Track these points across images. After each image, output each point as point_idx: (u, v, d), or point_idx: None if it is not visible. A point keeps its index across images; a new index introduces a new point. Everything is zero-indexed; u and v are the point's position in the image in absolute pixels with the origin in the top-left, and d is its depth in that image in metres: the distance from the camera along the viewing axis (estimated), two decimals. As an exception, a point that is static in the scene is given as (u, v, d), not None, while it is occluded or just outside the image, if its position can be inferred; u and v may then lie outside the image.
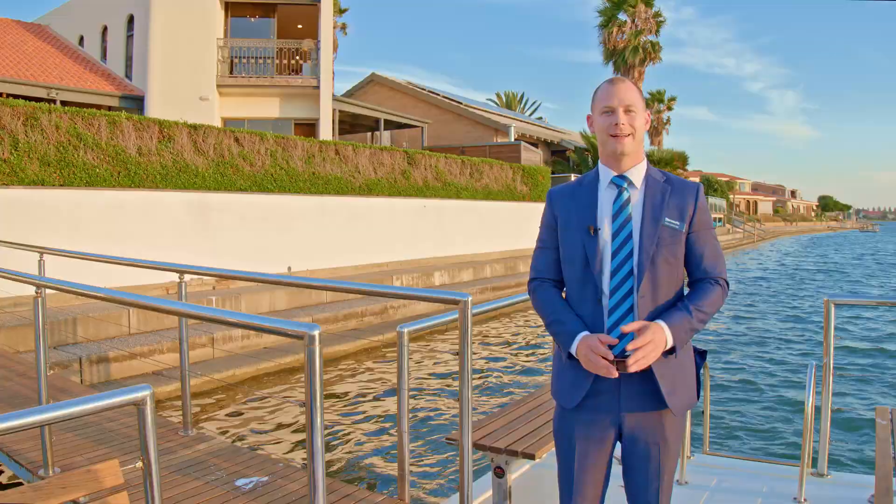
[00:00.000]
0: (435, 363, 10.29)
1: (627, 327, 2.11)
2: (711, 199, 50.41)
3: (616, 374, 2.10)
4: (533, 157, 26.64)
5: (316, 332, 2.40)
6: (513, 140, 28.21)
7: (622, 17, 32.95)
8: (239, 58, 20.23)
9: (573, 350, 2.18)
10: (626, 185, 2.24)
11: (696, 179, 61.92)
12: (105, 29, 21.04)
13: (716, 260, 2.26)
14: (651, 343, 2.07)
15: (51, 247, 8.48)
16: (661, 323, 2.12)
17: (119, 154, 10.83)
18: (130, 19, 20.03)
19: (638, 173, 2.27)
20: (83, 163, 10.26)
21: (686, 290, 2.28)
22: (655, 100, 46.54)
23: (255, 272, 4.29)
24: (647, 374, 2.18)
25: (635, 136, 2.22)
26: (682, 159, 37.59)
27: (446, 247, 18.28)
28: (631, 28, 32.62)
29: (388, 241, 16.35)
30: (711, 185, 56.84)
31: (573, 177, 26.41)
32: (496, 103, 56.55)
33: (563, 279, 2.35)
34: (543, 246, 2.40)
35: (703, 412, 4.36)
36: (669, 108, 47.43)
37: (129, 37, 20.07)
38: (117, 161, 10.77)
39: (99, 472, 2.22)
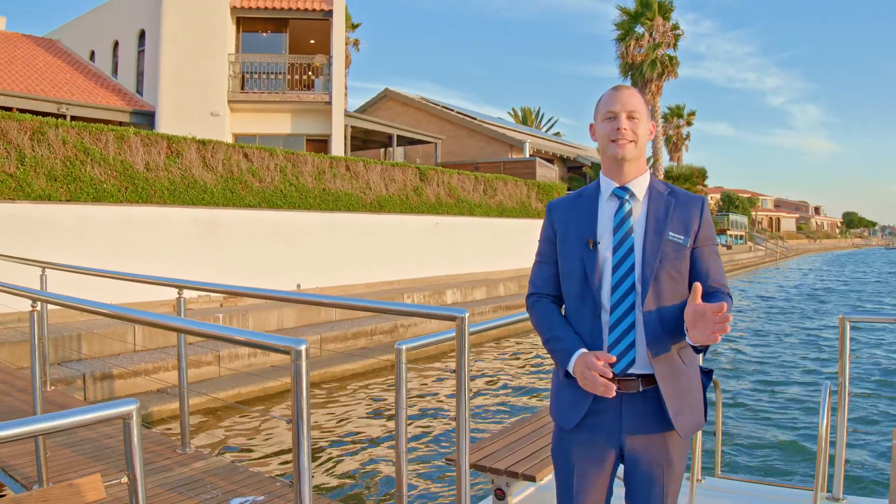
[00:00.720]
0: (438, 381, 10.24)
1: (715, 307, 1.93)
2: (733, 216, 50.21)
3: (613, 394, 2.05)
4: (548, 173, 26.64)
5: (303, 348, 2.39)
6: (528, 156, 28.25)
7: (639, 30, 33.00)
8: (250, 73, 20.46)
9: (570, 368, 2.14)
10: (627, 196, 2.21)
11: (717, 196, 61.79)
12: (116, 44, 21.38)
13: (721, 276, 2.22)
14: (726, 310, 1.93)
15: (57, 262, 8.55)
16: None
17: (127, 169, 10.95)
18: (142, 34, 20.34)
19: (641, 185, 2.24)
20: (90, 178, 10.38)
21: None
22: (675, 115, 46.61)
23: (260, 289, 4.30)
24: (651, 393, 2.14)
25: (637, 143, 2.20)
26: (701, 175, 37.53)
27: (459, 264, 18.27)
28: (648, 42, 32.64)
29: (400, 258, 16.38)
30: (732, 201, 56.61)
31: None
32: (511, 119, 56.75)
33: (562, 294, 2.32)
34: (542, 260, 2.38)
35: (714, 434, 4.29)
36: (689, 123, 47.49)
37: (141, 52, 20.38)
38: (125, 176, 10.89)
39: (80, 486, 2.22)
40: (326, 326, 12.29)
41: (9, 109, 12.79)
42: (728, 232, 47.89)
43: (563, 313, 2.31)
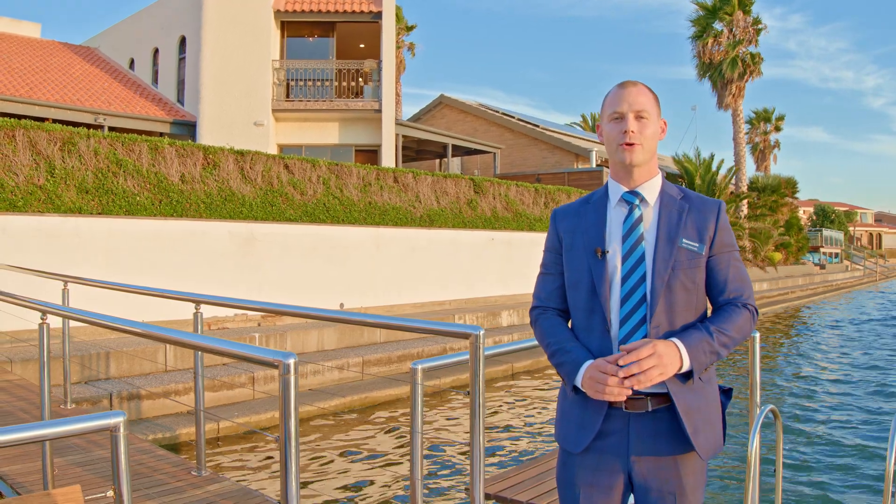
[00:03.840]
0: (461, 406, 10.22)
1: (628, 347, 2.06)
2: (827, 232, 48.77)
3: (624, 397, 2.05)
4: (617, 184, 26.34)
5: (291, 361, 2.44)
6: (594, 166, 28.06)
7: (717, 26, 32.49)
8: (296, 80, 20.93)
9: (578, 381, 2.13)
10: (637, 202, 2.21)
11: (810, 209, 60.11)
12: (156, 51, 22.17)
13: (742, 283, 2.20)
14: (654, 356, 2.00)
15: (86, 277, 8.89)
16: (675, 340, 2.06)
17: (161, 181, 11.33)
18: (182, 41, 21.04)
19: (652, 189, 2.23)
20: (123, 190, 10.78)
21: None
22: (761, 119, 45.62)
23: (299, 307, 4.38)
24: (662, 413, 2.13)
25: (646, 145, 2.19)
26: (790, 186, 36.56)
27: (516, 284, 18.20)
28: (728, 38, 32.10)
29: (451, 276, 16.41)
30: (827, 215, 55.05)
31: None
32: (581, 127, 56.50)
33: (568, 308, 2.32)
34: (547, 271, 2.40)
35: (774, 470, 4.18)
36: (777, 129, 46.40)
37: (181, 59, 21.08)
38: (159, 189, 11.27)
39: (58, 496, 2.32)
40: (370, 349, 12.42)
41: (43, 120, 13.42)
42: (822, 249, 46.53)
43: (569, 327, 2.31)
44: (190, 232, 11.65)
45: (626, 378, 2.02)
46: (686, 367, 2.06)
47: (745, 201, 33.48)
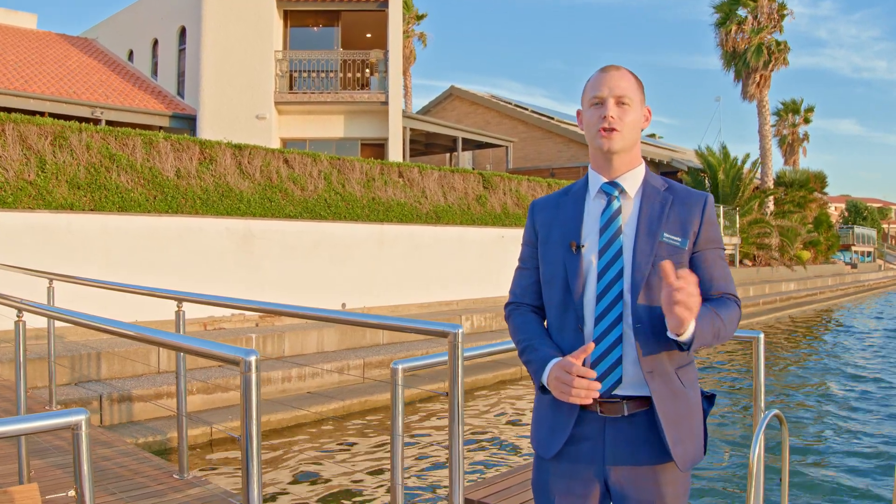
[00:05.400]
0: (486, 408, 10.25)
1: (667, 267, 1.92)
2: (858, 230, 48.43)
3: (590, 400, 2.00)
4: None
5: (252, 359, 2.47)
6: (611, 160, 27.99)
7: (741, 12, 32.31)
8: (299, 71, 20.99)
9: (545, 380, 2.10)
10: (616, 193, 2.17)
11: (841, 205, 59.63)
12: (156, 42, 22.31)
13: (728, 283, 2.16)
14: (693, 287, 1.89)
15: (79, 276, 8.98)
16: None
17: (156, 176, 11.42)
18: (182, 31, 21.16)
19: (633, 179, 2.19)
20: (116, 186, 10.87)
21: None
22: (789, 111, 45.25)
23: (299, 307, 4.41)
24: (639, 418, 2.09)
25: (626, 132, 2.14)
26: (819, 181, 36.36)
27: (527, 283, 18.17)
28: (752, 25, 31.91)
29: (459, 275, 16.42)
30: (859, 212, 54.66)
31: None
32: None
33: (544, 304, 2.29)
34: (523, 266, 2.36)
35: (780, 480, 4.18)
36: (807, 121, 45.98)
37: (181, 51, 21.21)
38: (153, 184, 11.36)
39: (15, 493, 2.38)
40: (372, 350, 12.47)
41: (40, 114, 13.54)
42: (853, 247, 46.19)
43: (544, 325, 2.29)
44: (185, 228, 11.74)
45: (580, 378, 1.98)
46: (689, 334, 1.97)
47: (771, 197, 33.28)
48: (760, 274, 28.95)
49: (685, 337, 1.97)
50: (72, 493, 2.40)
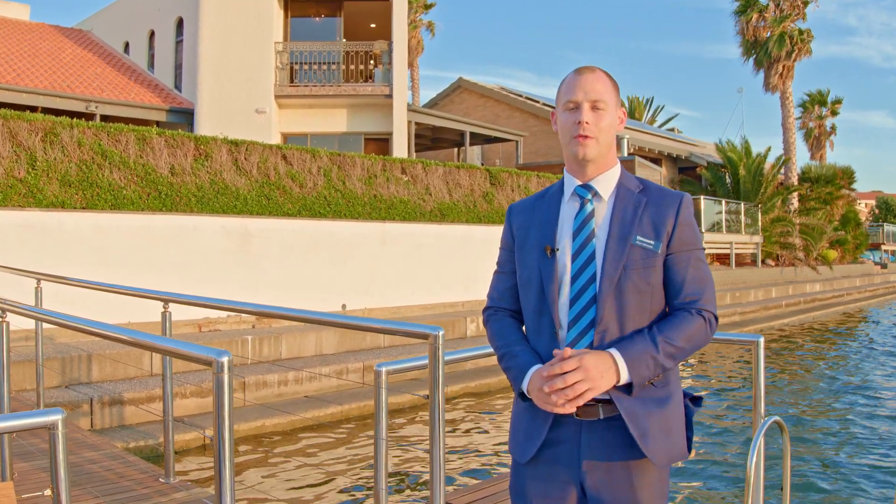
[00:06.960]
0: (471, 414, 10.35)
1: (555, 359, 2.09)
2: (888, 227, 48.15)
3: (572, 409, 2.07)
4: (651, 174, 26.36)
5: (225, 359, 2.56)
6: (626, 155, 28.02)
7: (763, 0, 32.23)
8: (300, 64, 21.08)
9: (524, 387, 2.17)
10: (590, 196, 2.24)
11: (871, 202, 59.28)
12: (152, 34, 22.49)
13: (701, 286, 2.20)
14: (580, 370, 2.02)
15: (71, 276, 9.15)
16: (613, 351, 2.09)
17: (149, 173, 11.58)
18: (179, 23, 21.33)
19: (607, 182, 2.26)
20: (108, 183, 11.04)
21: None
22: (815, 103, 45.10)
23: (295, 309, 4.52)
24: (615, 421, 2.14)
25: (601, 138, 2.21)
26: (846, 176, 36.15)
27: (536, 283, 18.23)
28: (774, 13, 31.82)
29: (464, 276, 16.44)
30: (891, 209, 54.36)
31: (703, 200, 25.93)
32: (616, 111, 55.96)
33: (521, 309, 2.37)
34: (500, 270, 2.47)
35: (781, 489, 4.26)
36: (834, 113, 45.79)
37: (179, 42, 21.37)
38: (147, 181, 11.52)
39: (-12, 492, 2.51)
40: (373, 353, 12.58)
41: (33, 109, 13.75)
42: (883, 246, 45.94)
43: (523, 329, 2.36)
44: (180, 226, 11.88)
45: (553, 392, 2.06)
46: (624, 380, 2.07)
47: (794, 194, 33.14)
48: (784, 274, 28.90)
49: (622, 383, 2.10)
50: (48, 492, 2.53)
